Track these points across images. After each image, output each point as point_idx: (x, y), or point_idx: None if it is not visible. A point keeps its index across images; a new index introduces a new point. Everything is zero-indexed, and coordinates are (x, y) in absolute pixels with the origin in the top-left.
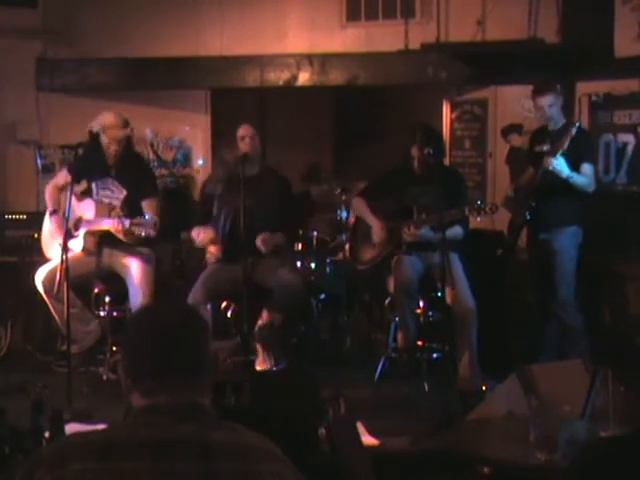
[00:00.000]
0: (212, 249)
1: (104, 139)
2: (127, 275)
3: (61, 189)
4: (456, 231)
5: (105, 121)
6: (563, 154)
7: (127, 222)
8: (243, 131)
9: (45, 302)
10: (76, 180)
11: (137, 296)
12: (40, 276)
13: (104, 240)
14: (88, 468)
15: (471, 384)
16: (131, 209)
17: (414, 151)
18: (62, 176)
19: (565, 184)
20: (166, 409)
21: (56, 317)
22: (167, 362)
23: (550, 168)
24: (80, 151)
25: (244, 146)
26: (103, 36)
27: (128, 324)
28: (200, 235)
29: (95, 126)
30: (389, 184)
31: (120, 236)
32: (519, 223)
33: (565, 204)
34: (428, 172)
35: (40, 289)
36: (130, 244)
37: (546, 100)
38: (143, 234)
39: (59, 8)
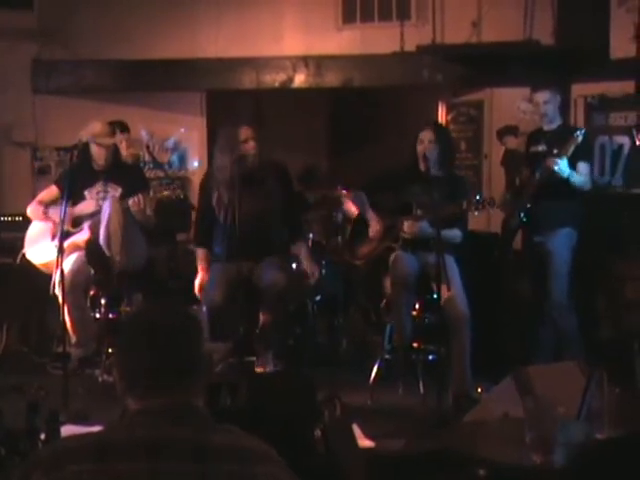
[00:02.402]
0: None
1: (93, 148)
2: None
3: (47, 205)
4: (454, 233)
5: (94, 130)
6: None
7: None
8: (243, 134)
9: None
10: (67, 196)
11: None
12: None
13: None
14: (84, 469)
15: (464, 388)
16: None
17: (424, 135)
18: (48, 192)
19: (561, 185)
20: (161, 411)
21: (68, 323)
22: (161, 364)
23: (555, 168)
24: (74, 158)
25: (246, 148)
26: (99, 38)
27: (122, 327)
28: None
29: (84, 136)
30: (392, 180)
31: (138, 213)
32: (514, 224)
33: (560, 206)
34: (431, 172)
35: (59, 294)
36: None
37: (542, 96)
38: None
39: (55, 10)
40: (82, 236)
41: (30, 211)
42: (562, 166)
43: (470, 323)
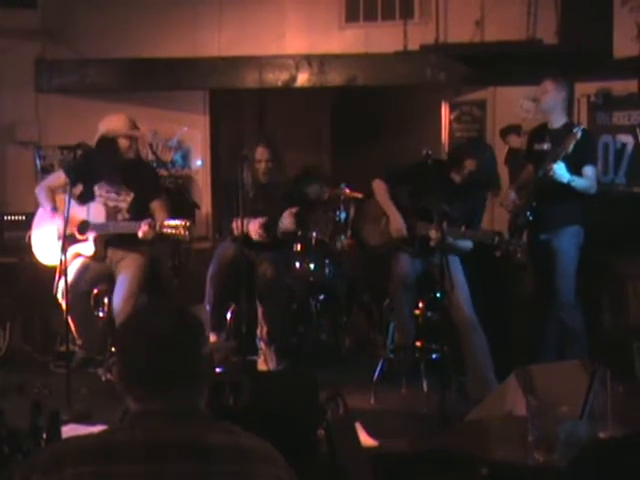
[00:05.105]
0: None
1: (122, 144)
2: (118, 275)
3: (54, 190)
4: (466, 244)
5: (121, 126)
6: (565, 158)
7: (158, 226)
8: (259, 154)
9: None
10: (73, 182)
11: (117, 297)
12: (61, 288)
13: (109, 241)
14: (84, 472)
15: (483, 392)
16: (138, 212)
17: (468, 164)
18: (56, 178)
19: (566, 185)
20: (161, 413)
21: (73, 327)
22: (161, 367)
23: (550, 174)
24: (79, 152)
25: (259, 169)
26: (102, 37)
27: (122, 328)
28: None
29: (111, 131)
30: (418, 179)
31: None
32: (521, 224)
33: (566, 204)
34: (464, 184)
35: (62, 301)
36: (132, 244)
37: (545, 85)
38: (178, 236)
39: (58, 9)
40: (87, 250)
41: (38, 197)
42: (559, 171)
43: (478, 328)
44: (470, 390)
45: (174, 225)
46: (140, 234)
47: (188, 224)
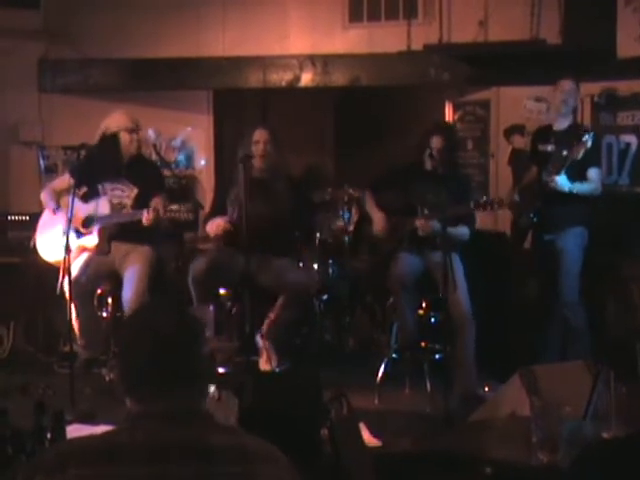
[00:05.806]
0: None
1: (123, 139)
2: (126, 271)
3: (59, 193)
4: (463, 231)
5: (122, 121)
6: (569, 167)
7: (162, 211)
8: (257, 135)
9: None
10: (79, 184)
11: (128, 293)
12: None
13: (113, 235)
14: (87, 473)
15: (469, 388)
16: (142, 207)
17: (435, 141)
18: (61, 180)
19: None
20: (163, 414)
21: (76, 327)
22: (163, 368)
23: (552, 185)
24: (82, 153)
25: (256, 150)
26: (105, 37)
27: (122, 330)
28: (213, 226)
29: (112, 126)
30: (398, 179)
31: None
32: (525, 224)
33: (571, 205)
34: (438, 171)
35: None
36: (136, 239)
37: (568, 84)
38: (183, 219)
39: (61, 9)
40: (91, 241)
41: (43, 199)
42: (560, 182)
43: (473, 323)
44: (458, 386)
45: (177, 209)
46: (144, 220)
47: (191, 207)
